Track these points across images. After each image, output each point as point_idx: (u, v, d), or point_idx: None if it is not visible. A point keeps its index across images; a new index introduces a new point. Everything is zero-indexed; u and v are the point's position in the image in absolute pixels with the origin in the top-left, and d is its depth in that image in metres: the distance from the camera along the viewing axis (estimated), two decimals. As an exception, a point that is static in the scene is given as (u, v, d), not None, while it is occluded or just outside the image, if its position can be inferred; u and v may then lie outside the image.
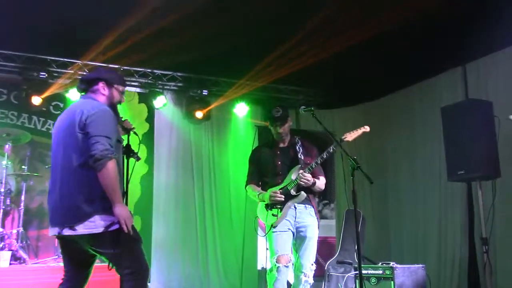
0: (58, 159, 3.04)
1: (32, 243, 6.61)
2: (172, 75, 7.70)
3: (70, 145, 2.95)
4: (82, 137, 2.91)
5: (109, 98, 3.19)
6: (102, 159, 2.80)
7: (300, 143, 4.35)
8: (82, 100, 3.19)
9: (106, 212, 2.86)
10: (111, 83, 3.21)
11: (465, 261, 6.57)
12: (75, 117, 2.96)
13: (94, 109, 2.98)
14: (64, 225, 2.89)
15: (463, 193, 6.63)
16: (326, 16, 5.77)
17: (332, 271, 6.45)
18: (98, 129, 2.88)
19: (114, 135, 2.98)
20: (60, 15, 5.94)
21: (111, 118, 3.01)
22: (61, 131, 3.06)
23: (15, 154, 6.84)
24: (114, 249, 2.87)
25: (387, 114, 8.13)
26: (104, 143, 2.84)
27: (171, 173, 7.74)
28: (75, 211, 2.86)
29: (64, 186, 2.94)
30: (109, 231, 2.86)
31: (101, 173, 2.81)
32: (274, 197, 4.13)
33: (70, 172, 2.93)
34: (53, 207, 3.01)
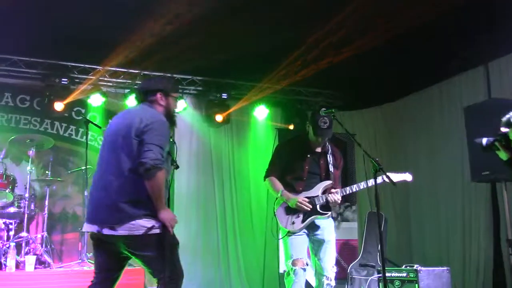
0: (107, 159, 3.07)
1: (56, 247, 6.70)
2: (191, 79, 7.73)
3: (122, 148, 2.98)
4: (136, 143, 2.95)
5: (166, 108, 3.26)
6: (152, 169, 2.84)
7: (331, 151, 4.24)
8: (141, 106, 3.23)
9: (147, 216, 2.90)
10: (168, 93, 3.27)
11: (490, 264, 6.45)
12: (133, 122, 3.00)
13: (153, 117, 3.03)
14: (104, 224, 2.93)
15: (487, 194, 6.51)
16: (345, 18, 5.74)
17: (355, 274, 6.40)
18: (153, 138, 2.93)
19: (167, 146, 3.03)
20: (81, 22, 6.01)
21: (167, 130, 3.07)
22: (115, 132, 3.09)
23: (39, 160, 6.95)
24: (153, 252, 2.91)
25: (408, 115, 8.05)
26: (156, 152, 2.88)
27: (191, 177, 7.76)
28: (118, 212, 2.89)
29: (110, 186, 2.97)
30: (148, 234, 2.89)
31: (149, 182, 2.86)
32: (302, 205, 4.03)
33: (118, 174, 2.96)
34: (96, 205, 3.04)
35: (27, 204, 6.15)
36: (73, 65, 7.16)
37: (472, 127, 5.46)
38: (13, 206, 6.16)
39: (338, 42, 6.22)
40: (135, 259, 3.05)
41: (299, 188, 4.15)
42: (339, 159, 4.32)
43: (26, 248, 5.93)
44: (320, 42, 6.23)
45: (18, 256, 5.71)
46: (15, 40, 6.47)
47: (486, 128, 5.20)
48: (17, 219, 6.09)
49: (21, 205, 6.18)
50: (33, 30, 6.18)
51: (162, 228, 2.93)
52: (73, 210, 7.18)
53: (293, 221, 4.07)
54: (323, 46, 6.32)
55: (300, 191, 4.13)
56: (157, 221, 2.92)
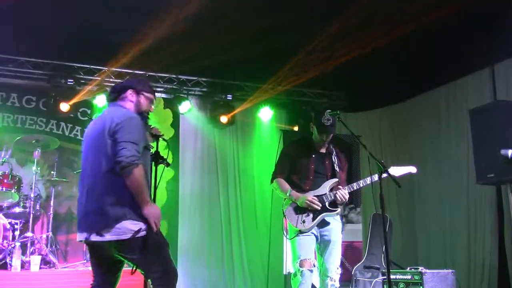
0: (87, 165, 3.09)
1: (61, 247, 6.72)
2: (196, 81, 7.75)
3: (99, 151, 3.00)
4: (111, 144, 2.95)
5: (136, 105, 3.24)
6: (128, 166, 2.84)
7: (335, 153, 4.27)
8: (111, 107, 3.24)
9: (133, 217, 2.90)
10: (139, 91, 3.26)
11: (495, 266, 6.42)
12: (105, 124, 3.01)
13: (123, 116, 3.03)
14: (91, 231, 2.93)
15: (492, 196, 6.49)
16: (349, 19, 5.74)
17: (359, 276, 6.38)
18: (125, 135, 2.93)
19: (142, 141, 3.01)
20: (86, 23, 6.04)
21: (138, 125, 3.06)
22: (91, 137, 3.12)
23: (44, 160, 6.97)
24: (142, 255, 2.90)
25: (413, 117, 8.03)
26: (130, 149, 2.88)
27: (196, 178, 7.78)
28: (103, 217, 2.89)
29: (92, 191, 2.98)
30: (136, 237, 2.89)
31: (128, 180, 2.86)
32: (312, 204, 4.04)
33: (99, 177, 2.97)
34: (81, 212, 3.05)
35: (33, 204, 6.18)
36: (79, 66, 7.19)
37: (477, 129, 5.44)
38: (18, 206, 6.19)
39: (343, 43, 6.21)
40: (126, 262, 3.07)
41: (306, 187, 4.16)
42: (343, 161, 4.34)
43: (31, 248, 5.95)
44: (325, 43, 6.23)
45: (23, 256, 5.74)
46: (22, 41, 6.50)
47: (491, 130, 5.20)
48: (22, 219, 6.12)
49: (26, 205, 6.21)
50: (39, 31, 6.21)
51: (147, 229, 2.92)
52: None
53: (304, 220, 4.08)
54: (328, 47, 6.32)
55: (307, 190, 4.15)
56: (143, 222, 2.92)
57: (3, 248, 5.67)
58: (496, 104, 5.83)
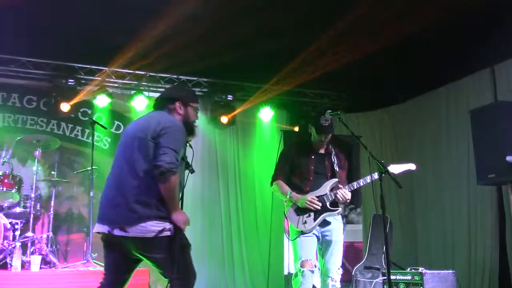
0: (122, 159, 3.09)
1: (62, 247, 6.72)
2: (197, 81, 7.75)
3: (138, 150, 3.01)
4: (152, 146, 2.97)
5: (185, 117, 3.27)
6: (167, 172, 2.86)
7: (334, 153, 4.29)
8: (158, 111, 3.26)
9: (159, 219, 2.91)
10: (187, 102, 3.28)
11: (496, 267, 6.41)
12: (150, 125, 3.04)
13: (171, 122, 3.06)
14: (115, 225, 2.93)
15: (493, 197, 6.49)
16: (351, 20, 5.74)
17: (360, 276, 6.38)
18: (169, 141, 2.95)
19: (182, 151, 3.05)
20: (87, 23, 6.04)
21: (183, 135, 3.09)
22: (133, 134, 3.11)
23: (45, 160, 6.98)
24: (164, 254, 2.92)
25: (413, 117, 8.03)
26: (171, 156, 2.90)
27: (196, 178, 7.75)
28: (130, 213, 2.90)
29: (124, 186, 2.98)
30: (159, 237, 2.90)
31: (163, 185, 2.89)
32: (312, 204, 4.05)
33: (132, 175, 2.97)
34: (108, 204, 3.04)
35: (33, 204, 6.18)
36: (80, 66, 7.20)
37: (478, 129, 5.44)
38: (19, 206, 6.19)
39: (343, 43, 6.21)
40: (145, 260, 3.06)
41: (307, 188, 4.17)
42: (343, 160, 4.35)
43: (32, 248, 5.96)
44: (326, 43, 6.23)
45: (24, 256, 5.74)
46: (22, 42, 6.51)
47: (492, 131, 5.20)
48: (23, 219, 6.12)
49: (27, 205, 6.22)
50: (40, 32, 6.21)
51: (173, 230, 2.94)
52: (78, 211, 7.21)
53: (305, 220, 4.08)
54: (328, 48, 6.32)
55: (308, 191, 4.15)
56: (168, 223, 2.94)
57: (4, 248, 5.67)
58: (497, 104, 5.83)
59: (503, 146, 5.04)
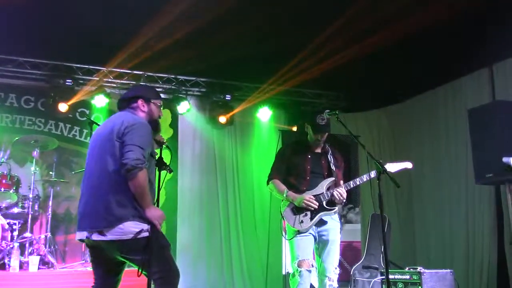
0: (93, 164, 3.12)
1: (60, 248, 6.71)
2: (195, 81, 7.75)
3: (106, 151, 3.03)
4: (119, 145, 2.99)
5: (148, 114, 3.29)
6: (133, 169, 2.87)
7: (331, 152, 4.28)
8: (124, 112, 3.27)
9: (136, 219, 2.92)
10: (149, 99, 3.29)
11: (494, 266, 6.43)
12: (115, 125, 3.05)
13: (133, 120, 3.08)
14: (93, 229, 2.94)
15: (491, 196, 6.50)
16: (348, 20, 5.74)
17: (358, 276, 6.38)
18: (133, 139, 2.96)
19: (148, 147, 3.05)
20: (85, 24, 6.03)
21: (148, 131, 3.10)
22: (100, 138, 3.14)
23: (43, 160, 6.96)
24: (144, 255, 2.91)
25: (412, 117, 8.04)
26: (136, 152, 2.91)
27: (195, 178, 7.78)
28: (106, 216, 2.91)
29: (96, 190, 3.00)
30: (137, 238, 2.90)
31: (131, 182, 2.89)
32: (309, 203, 4.04)
33: (104, 177, 2.99)
34: (83, 211, 3.06)
35: (31, 205, 6.18)
36: (78, 66, 7.19)
37: (476, 129, 5.45)
38: (17, 207, 6.18)
39: (341, 43, 6.21)
40: (128, 263, 3.07)
41: (303, 188, 4.16)
42: (340, 160, 4.35)
43: (30, 249, 5.95)
44: (324, 43, 6.23)
45: (22, 256, 5.74)
46: (20, 42, 6.50)
47: (490, 130, 5.21)
48: (21, 219, 6.11)
49: (25, 206, 6.21)
50: (38, 32, 6.20)
51: (151, 231, 2.95)
52: (76, 211, 7.15)
53: (302, 220, 4.08)
54: (326, 48, 6.32)
55: (304, 190, 4.14)
56: (145, 224, 2.94)
57: (2, 248, 5.66)
58: (495, 104, 5.84)
59: (501, 146, 5.05)
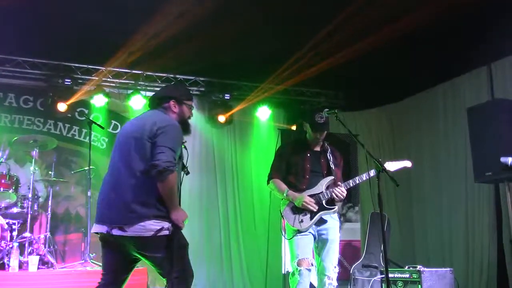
0: (119, 159, 3.10)
1: (59, 247, 6.71)
2: (194, 80, 7.74)
3: (135, 150, 3.01)
4: (149, 146, 2.98)
5: (180, 115, 3.29)
6: (165, 172, 2.87)
7: (330, 151, 4.29)
8: (154, 111, 3.26)
9: (157, 218, 2.92)
10: (181, 100, 3.29)
11: (494, 265, 6.43)
12: (146, 124, 3.04)
13: (166, 122, 3.07)
14: (113, 225, 2.94)
15: (490, 195, 6.50)
16: (347, 18, 5.74)
17: (358, 274, 6.38)
18: (166, 141, 2.96)
19: (179, 150, 3.07)
20: (84, 23, 6.02)
21: (179, 134, 3.11)
22: (128, 134, 3.12)
23: (42, 160, 6.95)
24: (161, 254, 2.92)
25: (411, 115, 8.04)
26: (168, 155, 2.91)
27: (194, 178, 7.76)
28: (128, 213, 2.91)
29: (121, 186, 2.99)
30: (158, 236, 2.90)
31: (161, 184, 2.89)
32: (308, 206, 4.05)
33: (130, 175, 2.98)
34: (106, 205, 3.05)
35: (30, 205, 6.17)
36: (76, 66, 7.19)
37: (475, 127, 5.45)
38: (16, 207, 6.18)
39: (340, 42, 6.21)
40: (144, 260, 3.06)
41: (303, 186, 4.17)
42: (339, 158, 4.36)
43: (29, 249, 5.94)
44: (323, 42, 6.22)
45: (21, 256, 5.73)
46: (18, 41, 6.49)
47: (489, 129, 5.21)
48: (20, 219, 6.11)
49: (24, 206, 6.20)
50: (37, 31, 6.19)
51: (171, 229, 2.95)
52: (76, 211, 7.19)
53: (301, 219, 4.09)
54: (325, 46, 6.32)
55: (304, 189, 4.15)
56: (166, 222, 2.94)
57: (1, 248, 5.66)
58: (494, 102, 5.85)
59: (501, 144, 5.05)
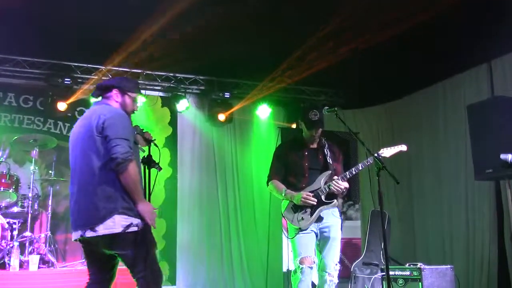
0: (76, 163, 3.10)
1: (60, 247, 6.72)
2: (194, 79, 7.74)
3: (89, 148, 3.00)
4: (101, 140, 2.97)
5: (122, 105, 3.25)
6: (124, 162, 2.86)
7: (327, 146, 4.28)
8: (97, 105, 3.25)
9: (125, 213, 2.91)
10: (124, 91, 3.26)
11: (494, 262, 6.43)
12: (92, 121, 3.02)
13: (110, 112, 3.05)
14: (85, 227, 2.94)
15: (490, 192, 6.50)
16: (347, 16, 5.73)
17: (358, 272, 6.39)
18: (116, 132, 2.94)
19: (132, 137, 3.05)
20: (83, 22, 6.02)
21: (127, 121, 3.09)
22: (79, 135, 3.12)
23: (42, 159, 6.96)
24: (130, 251, 2.92)
25: (411, 113, 8.03)
26: (124, 145, 2.90)
27: (194, 176, 7.77)
28: (96, 212, 2.90)
29: (84, 188, 2.99)
30: (127, 232, 2.89)
31: (123, 176, 2.89)
32: (307, 200, 4.05)
33: (89, 174, 2.97)
34: (75, 211, 3.05)
35: (31, 204, 6.17)
36: (76, 65, 7.18)
37: (475, 125, 5.44)
38: (16, 206, 6.18)
39: (340, 40, 6.21)
40: (119, 259, 3.07)
41: (302, 185, 4.17)
42: (337, 152, 4.35)
43: (30, 248, 5.95)
44: (323, 40, 6.22)
45: (22, 255, 5.74)
46: (18, 41, 6.48)
47: (489, 126, 5.20)
48: (20, 218, 6.11)
49: (24, 205, 6.21)
50: (36, 31, 6.18)
51: (140, 226, 2.93)
52: (76, 210, 7.18)
53: (302, 217, 4.09)
54: (325, 44, 6.31)
55: (304, 187, 4.15)
56: (135, 218, 2.92)
57: (2, 248, 5.67)
58: (494, 99, 5.83)
59: (501, 141, 5.04)
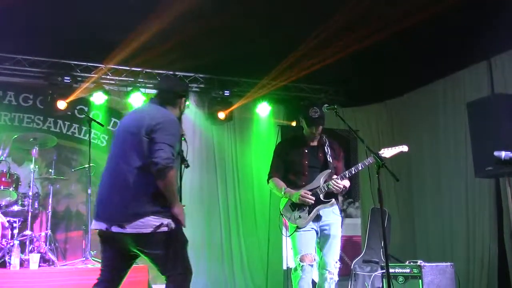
0: (117, 156, 3.09)
1: (60, 245, 6.72)
2: (194, 77, 7.74)
3: (132, 146, 3.00)
4: (147, 141, 2.96)
5: (175, 108, 3.27)
6: (164, 169, 2.85)
7: (328, 144, 4.27)
8: (152, 105, 3.25)
9: (156, 214, 2.91)
10: (181, 96, 3.30)
11: (494, 259, 6.43)
12: (143, 120, 3.02)
13: (164, 117, 3.05)
14: (113, 222, 2.93)
15: (490, 189, 6.50)
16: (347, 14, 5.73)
17: (359, 270, 6.39)
18: (164, 137, 2.94)
19: (177, 146, 3.05)
20: (83, 21, 6.02)
21: (177, 129, 3.08)
22: (126, 130, 3.11)
23: (42, 158, 6.96)
24: (161, 250, 2.92)
25: (411, 111, 8.03)
26: (167, 151, 2.89)
27: (194, 175, 7.76)
28: (127, 210, 2.90)
29: (119, 183, 2.98)
30: (157, 232, 2.89)
31: (161, 181, 2.88)
32: (305, 198, 4.04)
33: (128, 171, 2.96)
34: (105, 202, 3.04)
35: (31, 203, 6.17)
36: (76, 63, 7.18)
37: (475, 122, 5.44)
38: (17, 205, 6.18)
39: (340, 38, 6.20)
40: (144, 257, 3.05)
41: (302, 183, 4.16)
42: (338, 150, 4.34)
43: (30, 246, 5.94)
44: (323, 38, 6.21)
45: (22, 254, 5.73)
46: (18, 39, 6.48)
47: (489, 123, 5.20)
48: (21, 217, 6.11)
49: (25, 204, 6.21)
50: (36, 29, 6.18)
51: (171, 226, 2.94)
52: (76, 208, 7.20)
53: (300, 215, 4.09)
54: (325, 43, 6.31)
55: (303, 185, 4.15)
56: (165, 219, 2.93)
57: (2, 246, 5.66)
58: (494, 97, 5.83)
59: (500, 138, 5.04)
